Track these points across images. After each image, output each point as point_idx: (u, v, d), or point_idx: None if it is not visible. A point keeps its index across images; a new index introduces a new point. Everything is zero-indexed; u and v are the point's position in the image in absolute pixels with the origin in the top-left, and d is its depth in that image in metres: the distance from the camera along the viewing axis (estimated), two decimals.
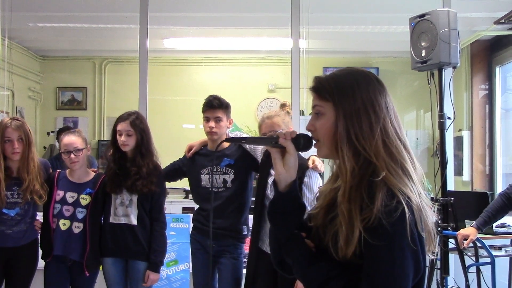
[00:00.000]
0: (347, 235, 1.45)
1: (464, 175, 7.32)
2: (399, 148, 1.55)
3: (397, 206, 1.42)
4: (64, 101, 8.70)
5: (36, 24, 6.91)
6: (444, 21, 3.91)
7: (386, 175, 1.47)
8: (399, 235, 1.41)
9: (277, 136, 1.64)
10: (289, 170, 1.63)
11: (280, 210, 1.66)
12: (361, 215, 1.43)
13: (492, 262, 3.94)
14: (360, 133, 1.53)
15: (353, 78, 1.60)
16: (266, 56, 8.07)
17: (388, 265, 1.41)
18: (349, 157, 1.53)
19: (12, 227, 3.59)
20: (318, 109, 1.61)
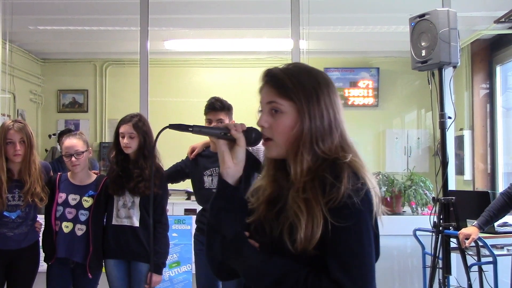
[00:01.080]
0: (307, 226, 1.40)
1: (466, 174, 7.33)
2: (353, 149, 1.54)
3: (362, 185, 1.42)
4: (65, 104, 8.72)
5: (37, 27, 6.93)
6: (444, 21, 3.92)
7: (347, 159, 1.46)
8: (366, 215, 1.42)
9: (226, 127, 1.57)
10: (238, 164, 1.58)
11: (228, 207, 1.56)
12: (324, 198, 1.40)
13: (494, 261, 3.93)
14: (322, 137, 1.51)
15: (315, 79, 1.56)
16: (267, 57, 8.07)
17: (359, 244, 1.40)
18: (307, 160, 1.49)
19: (13, 230, 3.60)
20: (277, 107, 1.54)
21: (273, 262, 1.46)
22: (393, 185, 5.58)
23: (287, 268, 1.43)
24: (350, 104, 8.59)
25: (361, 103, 8.60)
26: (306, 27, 5.55)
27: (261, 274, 1.46)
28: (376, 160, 8.62)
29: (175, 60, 8.46)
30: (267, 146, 1.57)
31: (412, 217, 5.35)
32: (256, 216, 1.58)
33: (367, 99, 8.58)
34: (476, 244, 4.02)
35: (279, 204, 1.54)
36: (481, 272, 4.01)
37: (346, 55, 8.48)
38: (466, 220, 4.34)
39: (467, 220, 4.32)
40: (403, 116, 8.80)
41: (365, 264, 1.40)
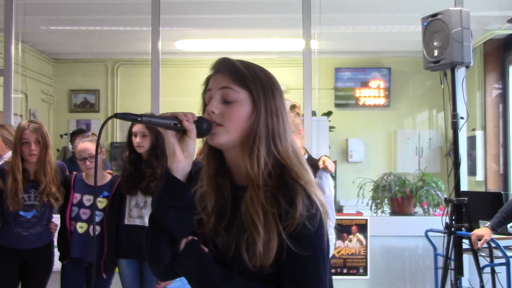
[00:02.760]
0: (265, 240, 1.36)
1: (478, 175, 7.29)
2: (302, 157, 1.50)
3: (316, 211, 1.39)
4: (77, 104, 8.77)
5: (49, 28, 6.97)
6: (457, 21, 3.89)
7: (299, 178, 1.42)
8: (321, 242, 1.41)
9: (175, 116, 1.43)
10: (188, 157, 1.44)
11: (178, 205, 1.42)
12: (282, 222, 1.36)
13: (507, 263, 3.90)
14: (278, 135, 1.46)
15: (270, 78, 1.52)
16: (278, 57, 8.07)
17: (316, 273, 1.39)
18: (264, 156, 1.43)
19: (29, 229, 3.63)
20: (232, 94, 1.45)
21: (235, 281, 1.41)
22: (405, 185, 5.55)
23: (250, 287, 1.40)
24: (361, 104, 8.58)
25: (373, 103, 8.58)
26: (317, 27, 5.54)
27: None
28: (387, 160, 8.59)
29: (186, 60, 8.47)
30: (215, 131, 1.45)
31: (424, 218, 5.32)
32: (207, 229, 1.50)
33: (378, 99, 8.55)
34: (489, 246, 3.99)
35: (226, 216, 1.48)
36: (494, 273, 3.98)
37: (357, 55, 8.47)
38: (479, 221, 4.31)
39: (480, 221, 4.30)
40: (415, 116, 8.76)
41: None
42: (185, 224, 1.45)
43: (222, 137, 1.45)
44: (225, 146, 1.48)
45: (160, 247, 1.46)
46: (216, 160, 1.53)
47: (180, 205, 1.42)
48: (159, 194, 1.44)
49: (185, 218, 1.44)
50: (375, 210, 5.54)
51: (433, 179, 5.68)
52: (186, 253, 1.44)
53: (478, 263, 3.89)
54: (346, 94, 8.60)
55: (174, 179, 1.41)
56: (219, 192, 1.51)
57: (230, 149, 1.49)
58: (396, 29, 6.81)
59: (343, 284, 4.81)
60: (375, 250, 4.94)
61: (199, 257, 1.43)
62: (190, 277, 1.46)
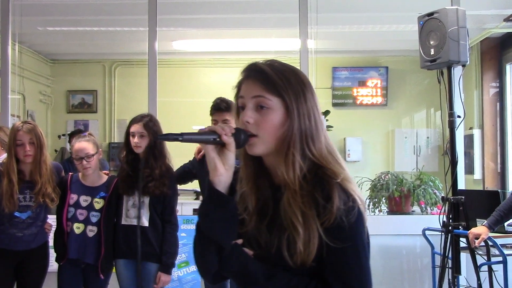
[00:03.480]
0: (305, 240, 1.40)
1: (475, 173, 7.30)
2: (337, 153, 1.53)
3: (353, 204, 1.42)
4: (74, 104, 8.76)
5: (46, 28, 6.97)
6: (453, 19, 3.90)
7: (335, 173, 1.45)
8: (360, 234, 1.44)
9: (215, 131, 1.45)
10: (229, 170, 1.46)
11: (223, 217, 1.47)
12: (319, 219, 1.40)
13: (504, 261, 3.91)
14: (311, 137, 1.48)
15: (300, 78, 1.52)
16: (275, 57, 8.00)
17: (358, 264, 1.43)
18: (299, 161, 1.45)
19: (23, 230, 3.62)
20: (265, 102, 1.47)
21: (278, 277, 1.44)
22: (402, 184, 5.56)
23: (293, 283, 1.43)
24: (359, 104, 8.59)
25: (370, 103, 8.58)
26: (314, 26, 5.54)
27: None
28: (385, 159, 8.60)
29: (183, 60, 8.48)
30: (252, 143, 1.48)
31: (421, 217, 5.33)
32: (249, 228, 1.54)
33: (375, 98, 8.56)
34: (486, 244, 4.00)
35: (267, 215, 1.52)
36: (491, 271, 3.99)
37: (355, 54, 8.47)
38: (476, 219, 4.32)
39: (477, 220, 4.30)
40: (412, 115, 8.77)
41: (365, 281, 1.44)
42: (230, 233, 1.49)
43: (259, 148, 1.49)
44: (263, 154, 1.52)
45: (207, 256, 1.51)
46: (254, 163, 1.56)
47: (224, 216, 1.47)
48: (204, 207, 1.49)
49: (229, 227, 1.48)
50: (373, 209, 5.55)
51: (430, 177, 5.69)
52: (229, 257, 1.47)
53: (476, 261, 3.90)
54: (343, 94, 8.61)
55: (217, 192, 1.45)
56: (259, 192, 1.55)
57: (267, 155, 1.52)
58: (393, 28, 6.82)
59: None
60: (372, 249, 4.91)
61: (242, 260, 1.47)
62: (235, 279, 1.51)
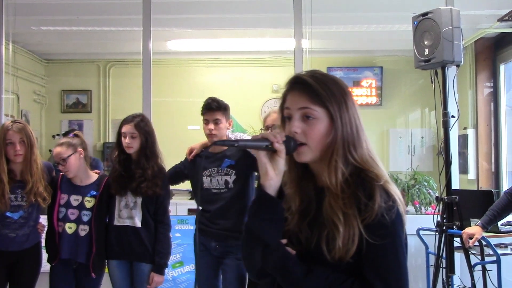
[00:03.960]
0: (345, 237, 1.48)
1: (470, 173, 7.31)
2: (377, 157, 1.62)
3: (393, 204, 1.50)
4: (69, 104, 8.74)
5: (40, 28, 6.94)
6: (447, 19, 3.91)
7: (378, 176, 1.54)
8: (399, 232, 1.51)
9: (267, 138, 1.58)
10: (279, 175, 1.59)
11: (272, 218, 1.58)
12: (361, 216, 1.48)
13: (498, 261, 3.92)
14: (353, 144, 1.57)
15: (341, 87, 1.62)
16: (269, 57, 8.07)
17: (396, 260, 1.49)
18: (341, 167, 1.55)
19: (16, 231, 3.60)
20: (311, 113, 1.58)
21: (315, 274, 1.52)
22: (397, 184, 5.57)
23: (330, 280, 1.50)
24: None
25: (365, 102, 8.58)
26: (308, 26, 5.54)
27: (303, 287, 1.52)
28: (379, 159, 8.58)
29: (178, 60, 8.47)
30: (300, 151, 1.60)
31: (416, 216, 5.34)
32: (291, 226, 1.64)
33: (370, 98, 8.56)
34: (480, 244, 4.01)
35: (310, 214, 1.62)
36: (485, 271, 4.00)
37: (349, 54, 8.47)
38: (470, 219, 4.33)
39: (471, 219, 4.31)
40: (407, 115, 8.78)
41: (403, 277, 1.50)
42: (276, 232, 1.59)
43: (307, 156, 1.60)
44: (310, 162, 1.63)
45: (254, 253, 1.61)
46: (298, 167, 1.67)
47: (273, 217, 1.58)
48: (254, 208, 1.60)
49: (276, 228, 1.59)
50: None
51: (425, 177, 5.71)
52: (271, 253, 1.57)
53: (469, 261, 3.91)
54: None
55: (267, 195, 1.57)
56: (303, 194, 1.65)
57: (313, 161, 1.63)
58: (387, 28, 6.82)
59: None
60: None
61: (283, 257, 1.56)
62: (275, 274, 1.58)
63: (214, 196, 3.76)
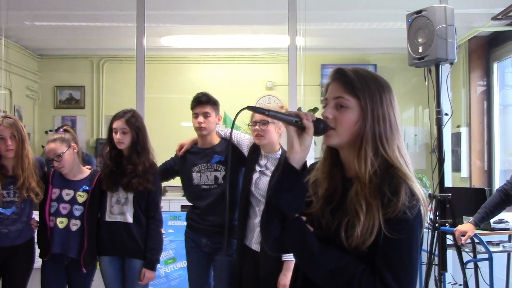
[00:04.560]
0: (364, 227, 1.54)
1: (462, 171, 7.33)
2: (407, 156, 1.68)
3: (417, 203, 1.57)
4: (62, 100, 8.70)
5: (33, 23, 6.90)
6: (441, 17, 3.91)
7: (405, 175, 1.60)
8: (417, 229, 1.58)
9: (297, 115, 1.68)
10: (304, 150, 1.68)
11: (292, 189, 1.67)
12: (383, 209, 1.54)
13: (490, 258, 3.94)
14: (385, 137, 1.65)
15: (380, 83, 1.70)
16: (264, 54, 8.06)
17: (409, 256, 1.55)
18: (371, 157, 1.62)
19: (9, 226, 3.59)
20: (344, 102, 1.67)
21: (331, 253, 1.59)
22: None
23: (344, 261, 1.56)
24: None
25: None
26: (303, 23, 5.54)
27: (318, 262, 1.59)
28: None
29: (172, 57, 8.44)
30: (329, 134, 1.69)
31: None
32: (314, 210, 1.71)
33: None
34: (472, 241, 4.02)
35: (334, 201, 1.69)
36: (477, 268, 4.02)
37: (343, 51, 8.46)
38: (463, 216, 4.34)
39: (464, 217, 4.32)
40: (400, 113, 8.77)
41: (412, 274, 1.56)
42: (295, 206, 1.68)
43: (334, 139, 1.69)
44: (338, 146, 1.72)
45: (271, 223, 1.70)
46: (333, 155, 1.76)
47: (294, 189, 1.68)
48: (277, 179, 1.69)
49: (296, 201, 1.69)
50: None
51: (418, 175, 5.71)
52: (291, 227, 1.66)
53: (462, 258, 3.92)
54: None
55: (291, 166, 1.67)
56: (331, 180, 1.73)
57: (342, 148, 1.72)
58: (381, 26, 6.81)
59: None
60: None
61: (301, 231, 1.65)
62: (292, 248, 1.67)
63: (204, 192, 3.76)
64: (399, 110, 1.73)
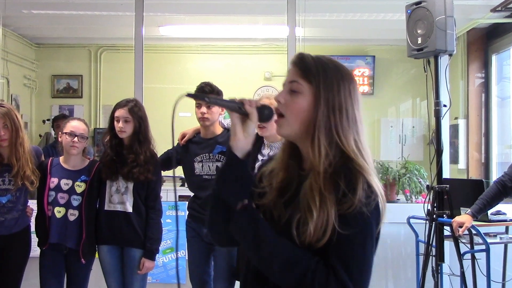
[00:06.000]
0: (317, 224, 1.46)
1: (460, 163, 7.35)
2: (367, 149, 1.60)
3: (374, 198, 1.49)
4: (59, 89, 8.68)
5: (31, 11, 6.85)
6: (440, 8, 3.90)
7: (363, 168, 1.52)
8: (373, 226, 1.51)
9: (241, 101, 1.61)
10: (248, 138, 1.60)
11: (234, 177, 1.59)
12: (338, 204, 1.46)
13: (487, 249, 3.95)
14: (340, 126, 1.56)
15: (340, 72, 1.61)
16: (262, 44, 8.05)
17: (362, 252, 1.48)
18: (325, 145, 1.54)
19: (4, 215, 3.57)
20: (296, 87, 1.60)
21: (284, 242, 1.50)
22: (388, 173, 5.59)
23: (297, 252, 1.48)
24: None
25: None
26: (302, 14, 5.52)
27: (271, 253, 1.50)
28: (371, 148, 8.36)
29: (170, 46, 8.42)
30: (279, 123, 1.62)
31: (406, 205, 5.36)
32: (266, 201, 1.63)
33: (362, 87, 8.55)
34: (469, 232, 4.03)
35: (288, 193, 1.61)
36: (474, 260, 4.03)
37: (342, 42, 8.45)
38: (460, 208, 4.35)
39: (461, 208, 4.34)
40: (398, 104, 8.79)
41: (366, 270, 1.49)
42: (238, 192, 1.58)
43: (285, 128, 1.61)
44: (291, 137, 1.63)
45: (216, 215, 1.66)
46: (291, 146, 1.66)
47: (236, 178, 1.58)
48: (220, 169, 1.63)
49: (240, 190, 1.58)
50: None
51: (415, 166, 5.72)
52: (241, 213, 1.56)
53: (459, 249, 3.94)
54: None
55: (233, 155, 1.58)
56: (287, 172, 1.65)
57: (297, 140, 1.62)
58: (380, 17, 6.80)
59: None
60: None
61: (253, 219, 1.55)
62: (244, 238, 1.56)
63: (205, 182, 3.75)
64: (360, 102, 1.63)
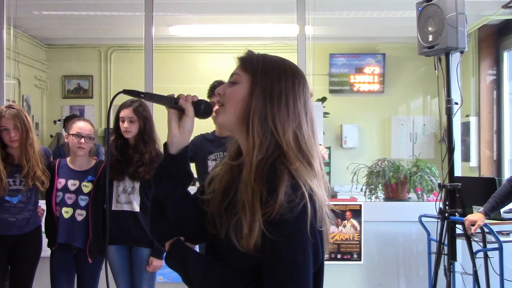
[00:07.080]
0: (250, 222, 1.38)
1: (472, 161, 7.30)
2: (310, 145, 1.50)
3: (300, 200, 1.37)
4: (70, 90, 8.72)
5: (41, 12, 6.89)
6: (451, 5, 3.87)
7: (292, 164, 1.43)
8: (300, 229, 1.37)
9: (178, 97, 1.59)
10: (183, 133, 1.57)
11: (167, 174, 1.57)
12: (262, 209, 1.37)
13: (500, 248, 3.92)
14: (278, 116, 1.48)
15: (283, 65, 1.56)
16: (272, 43, 8.03)
17: (290, 261, 1.36)
18: (259, 133, 1.47)
19: (16, 215, 3.61)
20: (236, 78, 1.56)
21: (213, 273, 1.47)
22: (399, 171, 5.55)
23: (226, 278, 1.44)
24: (356, 90, 8.57)
25: (367, 89, 8.57)
26: (311, 12, 5.51)
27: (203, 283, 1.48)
28: (381, 146, 8.60)
29: (180, 46, 8.44)
30: (217, 111, 1.58)
31: (418, 204, 5.33)
32: (210, 208, 1.57)
33: (372, 85, 8.54)
34: (482, 231, 4.00)
35: (230, 195, 1.52)
36: (487, 258, 4.00)
37: (352, 40, 8.43)
38: (472, 206, 4.32)
39: (473, 207, 4.31)
40: (409, 102, 8.76)
41: (299, 282, 1.37)
42: (174, 194, 1.58)
43: (221, 116, 1.56)
44: (227, 127, 1.57)
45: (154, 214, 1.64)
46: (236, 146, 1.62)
47: (169, 175, 1.57)
48: (157, 165, 1.60)
49: (176, 189, 1.58)
50: (369, 196, 5.54)
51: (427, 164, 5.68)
52: (171, 250, 1.58)
53: (471, 248, 3.91)
54: (340, 80, 8.58)
55: (166, 152, 1.58)
56: (230, 173, 1.59)
57: (233, 129, 1.57)
58: (391, 14, 6.78)
59: (337, 270, 4.82)
60: (369, 235, 4.96)
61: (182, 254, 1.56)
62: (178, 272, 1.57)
63: None
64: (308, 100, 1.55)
